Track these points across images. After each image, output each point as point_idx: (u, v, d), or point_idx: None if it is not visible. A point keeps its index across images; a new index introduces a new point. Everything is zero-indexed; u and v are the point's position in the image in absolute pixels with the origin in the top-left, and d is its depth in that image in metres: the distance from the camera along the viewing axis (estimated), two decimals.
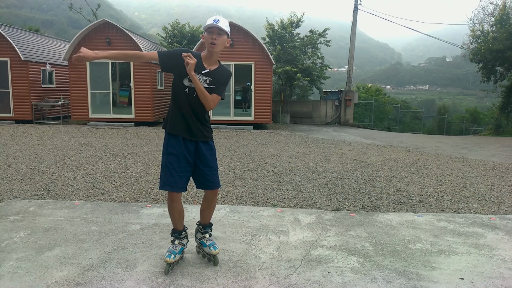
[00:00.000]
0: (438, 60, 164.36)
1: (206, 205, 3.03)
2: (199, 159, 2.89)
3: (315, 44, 19.37)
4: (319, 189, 5.67)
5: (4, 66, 14.23)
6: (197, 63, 2.74)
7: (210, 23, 2.71)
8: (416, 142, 13.02)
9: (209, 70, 2.80)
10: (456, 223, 4.11)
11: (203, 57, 2.83)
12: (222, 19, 2.76)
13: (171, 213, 2.92)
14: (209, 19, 2.76)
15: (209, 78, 2.80)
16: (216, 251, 2.98)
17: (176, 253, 2.88)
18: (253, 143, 10.65)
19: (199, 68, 2.77)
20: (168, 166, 2.81)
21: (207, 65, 2.81)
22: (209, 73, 2.80)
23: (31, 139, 10.21)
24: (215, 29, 2.71)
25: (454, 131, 28.62)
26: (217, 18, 2.76)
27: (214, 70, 2.83)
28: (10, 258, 3.03)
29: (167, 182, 2.80)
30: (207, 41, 2.74)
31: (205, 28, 2.75)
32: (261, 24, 22.31)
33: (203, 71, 2.78)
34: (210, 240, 3.03)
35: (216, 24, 2.69)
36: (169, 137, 2.86)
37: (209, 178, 2.91)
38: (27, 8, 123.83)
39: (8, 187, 5.39)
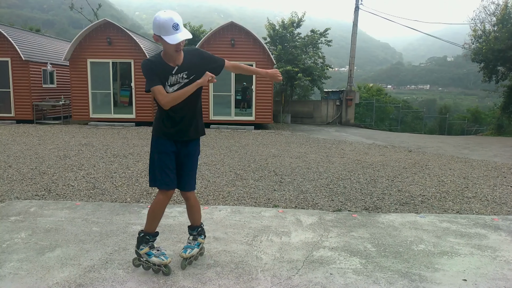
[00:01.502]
0: (439, 60, 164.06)
1: (187, 207, 3.02)
2: (185, 159, 2.87)
3: (316, 44, 19.34)
4: (321, 189, 5.66)
5: (5, 66, 14.24)
6: (164, 67, 2.65)
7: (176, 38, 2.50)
8: (417, 142, 12.99)
9: (177, 66, 2.68)
10: (459, 224, 4.09)
11: (165, 57, 2.67)
12: (178, 19, 2.52)
13: (159, 213, 2.84)
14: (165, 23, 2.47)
15: (184, 73, 2.70)
16: (181, 254, 2.91)
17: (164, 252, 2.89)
18: (254, 143, 10.63)
19: (169, 71, 2.67)
20: (162, 165, 2.77)
21: (172, 63, 2.67)
22: (179, 69, 2.69)
23: (32, 139, 10.20)
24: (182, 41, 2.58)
25: (455, 131, 28.56)
26: (175, 21, 2.49)
27: (182, 62, 2.70)
28: (11, 259, 3.02)
29: (162, 181, 2.77)
30: (172, 48, 2.56)
31: (165, 37, 2.51)
32: (262, 24, 22.30)
33: (173, 71, 2.68)
34: (188, 242, 3.02)
35: (183, 38, 2.53)
36: (158, 138, 2.82)
37: (187, 179, 2.90)
38: (28, 8, 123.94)
39: (9, 187, 5.39)
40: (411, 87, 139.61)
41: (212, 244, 3.40)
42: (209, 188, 5.57)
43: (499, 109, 21.33)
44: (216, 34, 14.39)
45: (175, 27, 2.50)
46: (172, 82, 2.69)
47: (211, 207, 4.53)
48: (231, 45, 14.22)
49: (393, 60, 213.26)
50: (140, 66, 2.68)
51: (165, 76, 2.67)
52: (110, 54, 14.24)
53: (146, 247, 2.83)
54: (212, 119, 14.55)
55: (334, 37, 22.11)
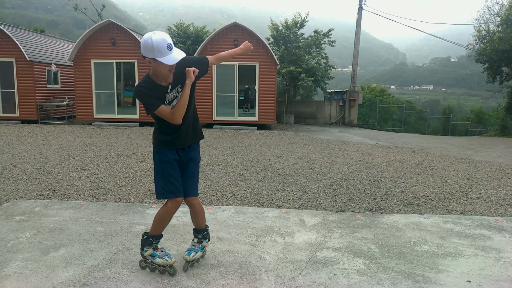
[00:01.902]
0: (443, 60, 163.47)
1: (191, 213, 2.99)
2: (187, 165, 2.86)
3: (319, 44, 19.33)
4: (324, 190, 5.65)
5: (9, 66, 14.32)
6: (157, 88, 2.60)
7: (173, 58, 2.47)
8: (421, 142, 12.96)
9: (170, 84, 2.65)
10: (463, 225, 4.07)
11: (156, 77, 2.61)
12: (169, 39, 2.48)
13: (166, 220, 2.84)
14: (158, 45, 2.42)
15: (177, 86, 2.68)
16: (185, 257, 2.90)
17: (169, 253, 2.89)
18: (257, 143, 10.64)
19: (163, 90, 2.63)
20: (165, 174, 2.76)
21: (164, 82, 2.63)
22: (173, 85, 2.67)
23: (36, 139, 10.25)
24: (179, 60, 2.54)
25: (459, 132, 28.43)
26: (167, 41, 2.44)
27: (174, 77, 2.66)
28: (16, 258, 3.04)
29: (168, 190, 2.76)
30: (166, 68, 2.52)
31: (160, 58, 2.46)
32: (265, 25, 22.31)
33: (168, 90, 2.65)
34: (192, 245, 3.00)
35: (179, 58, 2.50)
36: (158, 149, 2.82)
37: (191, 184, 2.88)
38: (33, 8, 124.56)
39: (13, 187, 5.42)
40: (414, 88, 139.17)
41: (216, 244, 3.41)
42: (212, 188, 5.58)
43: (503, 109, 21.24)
44: (220, 34, 14.41)
45: (169, 48, 2.45)
46: (170, 100, 2.67)
47: (214, 207, 4.54)
48: (235, 46, 14.22)
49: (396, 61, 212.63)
50: (133, 92, 2.64)
51: (162, 96, 2.63)
52: (114, 54, 14.30)
53: (150, 249, 2.85)
54: (215, 119, 14.57)
55: (337, 37, 22.08)
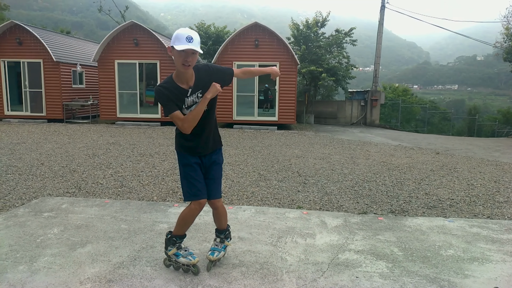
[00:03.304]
0: (468, 59, 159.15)
1: (213, 213, 3.02)
2: (210, 167, 2.88)
3: (340, 44, 19.13)
4: (346, 191, 5.60)
5: (37, 67, 14.80)
6: (177, 91, 2.59)
7: (185, 46, 2.43)
8: (445, 144, 12.66)
9: (190, 88, 2.63)
10: (490, 230, 3.96)
11: (178, 79, 2.61)
12: (194, 35, 2.49)
13: (190, 221, 2.85)
14: (180, 34, 2.46)
15: (198, 92, 2.65)
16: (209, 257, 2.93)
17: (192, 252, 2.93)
18: (277, 143, 10.63)
19: (183, 93, 2.61)
20: (187, 177, 2.79)
21: (185, 85, 2.61)
22: (194, 89, 2.64)
23: (63, 138, 10.55)
24: (189, 51, 2.47)
25: (485, 133, 27.62)
26: (190, 34, 2.46)
27: (195, 82, 2.64)
28: (45, 253, 3.14)
29: (192, 193, 2.78)
30: (179, 60, 2.49)
31: (176, 45, 2.46)
32: (285, 24, 22.25)
33: (188, 94, 2.62)
34: (214, 245, 3.03)
35: (190, 48, 2.44)
36: (180, 153, 2.85)
37: (215, 186, 2.89)
38: (58, 10, 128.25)
39: (41, 184, 5.60)
40: (438, 87, 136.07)
41: (237, 244, 3.43)
42: (233, 188, 5.61)
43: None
44: (240, 34, 14.46)
45: (188, 39, 2.45)
46: (188, 104, 2.65)
47: (235, 207, 4.56)
48: (255, 46, 14.26)
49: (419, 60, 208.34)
50: (154, 91, 2.64)
51: (181, 99, 2.62)
52: (136, 55, 14.56)
53: (174, 248, 2.88)
54: (235, 119, 14.63)
55: (359, 36, 21.80)
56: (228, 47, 14.32)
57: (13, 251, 3.17)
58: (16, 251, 3.18)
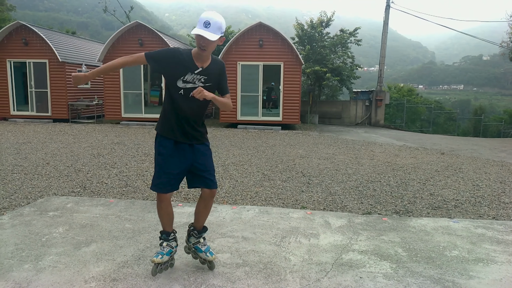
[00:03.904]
0: (474, 59, 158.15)
1: (202, 205, 2.90)
2: (196, 159, 2.79)
3: (345, 44, 19.07)
4: (350, 192, 5.59)
5: (43, 67, 14.89)
6: (189, 62, 2.63)
7: (197, 31, 2.49)
8: (450, 144, 12.59)
9: (201, 68, 2.66)
10: (495, 230, 3.94)
11: (194, 54, 2.66)
12: (213, 20, 2.51)
13: (160, 214, 2.83)
14: (201, 18, 2.53)
15: (203, 77, 2.68)
16: (213, 257, 2.89)
17: (164, 254, 2.80)
18: (281, 143, 10.63)
19: (192, 68, 2.64)
20: (158, 168, 2.75)
21: (199, 63, 2.66)
22: (202, 71, 2.67)
23: (68, 138, 10.62)
24: (198, 37, 2.52)
25: (491, 133, 27.43)
26: (208, 19, 2.50)
27: (207, 67, 2.69)
28: (50, 252, 3.17)
29: (154, 183, 2.75)
30: (198, 43, 2.56)
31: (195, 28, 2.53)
32: (289, 24, 22.22)
33: (196, 71, 2.65)
34: (205, 245, 2.93)
35: (199, 34, 2.48)
36: (160, 138, 2.78)
37: (207, 176, 2.80)
38: (64, 11, 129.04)
39: (47, 183, 5.64)
40: (443, 87, 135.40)
41: (241, 244, 3.43)
42: (237, 188, 5.62)
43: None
44: (245, 34, 14.46)
45: (205, 24, 2.50)
46: (188, 80, 2.64)
47: (239, 207, 4.57)
48: (259, 46, 14.26)
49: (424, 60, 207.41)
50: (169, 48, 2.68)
51: (185, 70, 2.63)
52: None
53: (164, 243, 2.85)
54: (239, 119, 14.64)
55: (363, 36, 21.73)
56: (232, 47, 14.33)
57: (19, 250, 3.20)
58: (21, 249, 3.20)
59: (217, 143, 10.19)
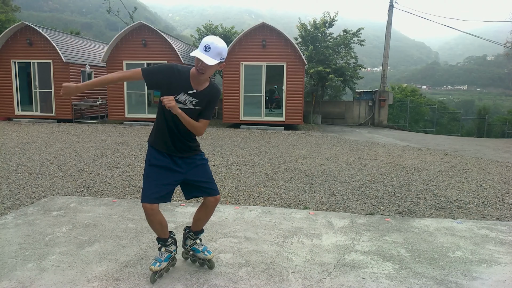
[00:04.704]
0: (478, 59, 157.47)
1: (203, 212, 2.88)
2: (190, 172, 2.76)
3: (348, 44, 19.04)
4: (353, 192, 5.58)
5: (47, 67, 14.96)
6: (184, 82, 2.58)
7: (195, 54, 2.45)
8: (454, 145, 12.54)
9: (196, 91, 2.60)
10: (499, 231, 3.92)
11: (192, 75, 2.59)
12: (214, 45, 2.45)
13: (151, 224, 2.75)
14: (203, 41, 2.49)
15: (195, 100, 2.62)
16: (211, 255, 2.91)
17: (162, 261, 2.77)
18: (284, 144, 10.62)
19: (186, 88, 2.58)
20: (146, 178, 2.70)
21: (194, 84, 2.59)
22: (196, 94, 2.61)
23: (71, 138, 10.66)
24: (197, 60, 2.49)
25: (495, 134, 27.28)
26: (209, 44, 2.45)
27: (202, 90, 2.63)
28: (53, 252, 3.18)
29: (144, 194, 2.67)
30: (196, 65, 2.52)
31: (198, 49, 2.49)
32: (292, 24, 22.22)
33: (189, 91, 2.59)
34: (201, 245, 2.95)
35: (197, 56, 2.45)
36: (151, 149, 2.75)
37: (208, 186, 2.79)
38: (68, 11, 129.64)
39: (50, 183, 5.66)
40: (447, 88, 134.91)
41: (243, 244, 3.43)
42: (239, 188, 5.62)
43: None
44: (248, 35, 14.47)
45: (206, 48, 2.45)
46: (180, 100, 2.59)
47: (241, 207, 4.57)
48: (262, 46, 14.27)
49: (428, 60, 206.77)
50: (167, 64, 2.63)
51: (178, 89, 2.58)
52: (145, 55, 14.65)
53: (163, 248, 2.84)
54: (242, 119, 14.65)
55: (367, 36, 21.69)
56: (235, 48, 14.34)
57: (23, 249, 3.21)
58: (25, 249, 3.22)
59: (220, 143, 10.20)
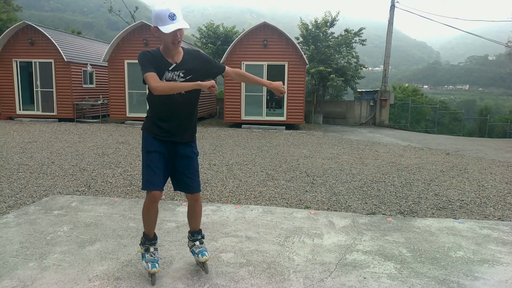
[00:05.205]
0: (480, 59, 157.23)
1: (189, 210, 2.89)
2: (180, 161, 2.74)
3: (350, 44, 19.02)
4: (354, 192, 5.57)
5: (48, 67, 14.98)
6: (162, 62, 2.55)
7: (172, 27, 2.39)
8: (455, 144, 12.51)
9: (176, 63, 2.58)
10: (501, 231, 3.91)
11: (164, 52, 2.58)
12: (176, 10, 2.41)
13: (149, 215, 2.73)
14: (161, 13, 2.38)
15: (181, 71, 2.60)
16: (204, 258, 2.79)
17: (157, 262, 2.74)
18: (285, 143, 10.61)
19: (166, 66, 2.56)
20: (150, 165, 2.65)
21: (171, 59, 2.58)
22: (177, 66, 2.59)
23: (73, 137, 10.67)
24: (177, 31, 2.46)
25: (496, 134, 27.23)
26: (172, 11, 2.39)
27: (182, 60, 2.61)
28: (54, 251, 3.18)
29: (150, 181, 2.63)
30: (169, 40, 2.47)
31: (161, 26, 2.41)
32: (294, 24, 22.21)
33: (170, 68, 2.57)
34: (199, 247, 2.86)
35: (179, 27, 2.41)
36: (146, 136, 2.73)
37: (188, 181, 2.76)
38: (70, 11, 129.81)
39: (52, 182, 5.67)
40: (449, 87, 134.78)
41: (245, 243, 3.43)
42: (240, 188, 5.62)
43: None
44: (249, 34, 14.47)
45: (171, 17, 2.40)
46: (167, 79, 2.57)
47: (243, 207, 4.57)
48: (264, 46, 14.26)
49: (429, 59, 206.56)
50: (138, 56, 2.55)
51: (162, 70, 2.55)
52: None
53: (142, 249, 2.81)
54: (243, 119, 14.64)
55: (368, 36, 21.68)
56: (236, 47, 14.33)
57: (24, 248, 3.21)
58: (26, 248, 3.22)
59: (221, 143, 10.20)
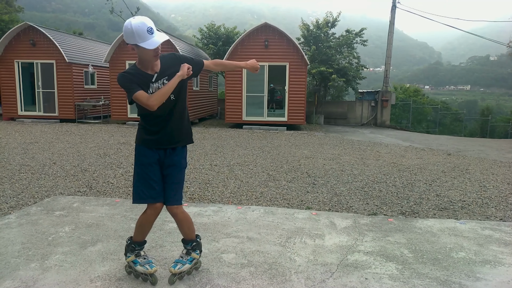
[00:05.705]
0: (481, 59, 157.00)
1: (177, 223, 2.82)
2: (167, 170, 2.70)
3: (351, 44, 19.01)
4: (355, 192, 5.56)
5: (50, 68, 15.00)
6: (144, 77, 2.52)
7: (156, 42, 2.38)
8: (457, 145, 12.49)
9: (156, 73, 2.56)
10: (503, 232, 3.90)
11: (142, 66, 2.54)
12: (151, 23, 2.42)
13: (147, 226, 2.75)
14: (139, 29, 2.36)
15: (164, 79, 2.57)
16: (170, 269, 2.72)
17: (151, 261, 2.78)
18: (286, 144, 10.61)
19: (147, 79, 2.53)
20: (146, 177, 2.64)
21: (151, 71, 2.55)
22: (159, 75, 2.56)
23: (74, 138, 10.69)
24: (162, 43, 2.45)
25: (498, 134, 27.19)
26: (149, 25, 2.38)
27: (161, 68, 2.58)
28: (56, 251, 3.19)
29: (148, 195, 2.64)
30: (152, 53, 2.44)
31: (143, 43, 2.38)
32: (295, 24, 22.22)
33: (153, 80, 2.54)
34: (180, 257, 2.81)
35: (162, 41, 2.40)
36: (140, 147, 2.70)
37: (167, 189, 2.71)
38: (71, 12, 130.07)
39: (53, 183, 5.68)
40: (450, 88, 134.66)
41: (246, 244, 3.43)
42: (242, 188, 5.62)
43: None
44: (250, 35, 14.47)
45: (150, 31, 2.37)
46: (153, 91, 2.54)
47: (244, 207, 4.57)
48: (265, 46, 14.26)
49: (431, 60, 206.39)
50: (117, 79, 2.51)
51: (146, 84, 2.52)
52: None
53: (132, 255, 2.78)
54: (245, 119, 14.65)
55: (369, 36, 21.65)
56: (238, 48, 14.34)
57: (25, 249, 3.22)
58: (28, 248, 3.23)
59: (222, 144, 10.20)
